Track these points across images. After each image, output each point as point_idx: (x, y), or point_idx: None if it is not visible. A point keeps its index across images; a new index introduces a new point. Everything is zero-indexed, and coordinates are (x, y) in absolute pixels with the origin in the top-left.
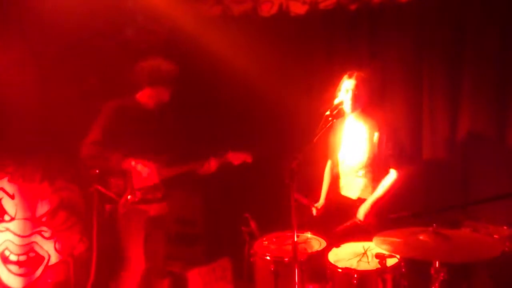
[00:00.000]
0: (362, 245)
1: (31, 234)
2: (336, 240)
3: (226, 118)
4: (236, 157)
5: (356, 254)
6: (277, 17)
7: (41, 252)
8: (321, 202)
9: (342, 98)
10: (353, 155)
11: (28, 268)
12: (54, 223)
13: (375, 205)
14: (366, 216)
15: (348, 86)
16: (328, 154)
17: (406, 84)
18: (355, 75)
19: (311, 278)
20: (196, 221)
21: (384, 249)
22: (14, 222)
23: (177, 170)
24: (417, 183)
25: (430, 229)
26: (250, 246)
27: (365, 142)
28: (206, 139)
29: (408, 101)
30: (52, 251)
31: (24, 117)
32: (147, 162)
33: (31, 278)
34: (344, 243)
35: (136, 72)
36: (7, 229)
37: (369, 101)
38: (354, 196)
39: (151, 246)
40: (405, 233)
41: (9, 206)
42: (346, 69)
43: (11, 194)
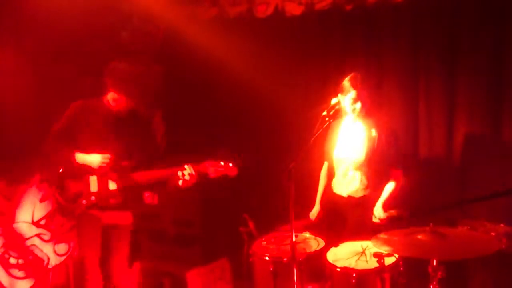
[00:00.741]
0: (361, 244)
1: (30, 237)
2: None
3: (222, 120)
4: (214, 169)
5: (354, 253)
6: (273, 18)
7: (40, 255)
8: (317, 208)
9: (348, 106)
10: (350, 153)
11: (27, 271)
12: (53, 226)
13: (385, 204)
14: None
15: (354, 95)
16: (324, 156)
17: (402, 84)
18: (358, 81)
19: (310, 277)
20: (194, 222)
21: (382, 248)
22: (13, 225)
23: (145, 177)
24: (414, 183)
25: (428, 228)
26: (249, 247)
27: (362, 140)
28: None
29: (405, 101)
30: (51, 253)
31: (21, 119)
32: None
33: (30, 281)
34: (343, 243)
35: (104, 72)
36: (6, 232)
37: (371, 103)
38: (346, 194)
39: (115, 258)
40: (403, 232)
41: (7, 209)
42: (342, 69)
43: (10, 197)
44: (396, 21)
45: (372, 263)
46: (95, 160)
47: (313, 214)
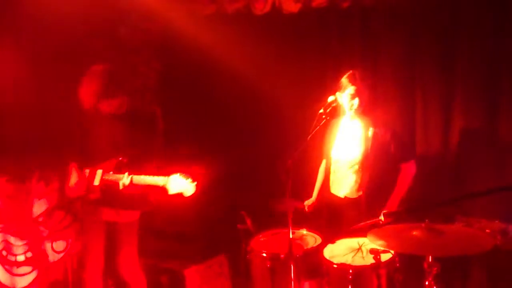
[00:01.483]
0: (357, 241)
1: (29, 234)
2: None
3: (219, 116)
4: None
5: (351, 249)
6: (270, 15)
7: (39, 252)
8: (313, 199)
9: (346, 103)
10: (347, 152)
11: (26, 268)
12: (51, 223)
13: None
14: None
15: (352, 91)
16: (323, 153)
17: (398, 82)
18: (357, 78)
19: (307, 274)
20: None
21: (378, 244)
22: (11, 222)
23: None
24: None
25: (423, 224)
26: (247, 243)
27: (359, 140)
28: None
29: (401, 99)
30: (49, 250)
31: (19, 118)
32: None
33: (29, 278)
34: (339, 239)
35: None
36: (5, 230)
37: (368, 100)
38: (342, 194)
39: (121, 255)
40: (399, 228)
41: (6, 206)
42: (339, 66)
43: (8, 194)
44: (393, 18)
45: (369, 259)
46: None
47: (308, 203)
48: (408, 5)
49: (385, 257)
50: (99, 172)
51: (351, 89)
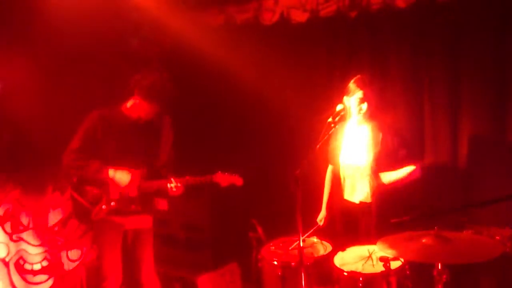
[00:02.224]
0: (367, 248)
1: (44, 243)
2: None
3: (229, 125)
4: (224, 179)
5: (361, 257)
6: (279, 25)
7: (54, 261)
8: (323, 212)
9: (354, 107)
10: (358, 157)
11: (42, 277)
12: (66, 232)
13: (394, 183)
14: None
15: (360, 95)
16: (329, 159)
17: (406, 89)
18: (365, 82)
19: (318, 281)
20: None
21: (388, 252)
22: (27, 232)
23: (153, 186)
24: (420, 187)
25: (432, 232)
26: (258, 251)
27: (369, 144)
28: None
29: (409, 106)
30: (64, 259)
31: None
32: (129, 170)
33: (45, 286)
34: (350, 247)
35: (132, 82)
36: (21, 239)
37: (375, 105)
38: (357, 200)
39: (143, 264)
40: (408, 236)
41: (22, 216)
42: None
43: (24, 205)
44: (400, 26)
45: (379, 267)
46: (124, 179)
47: (320, 219)
48: (414, 13)
49: (395, 264)
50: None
51: (360, 94)
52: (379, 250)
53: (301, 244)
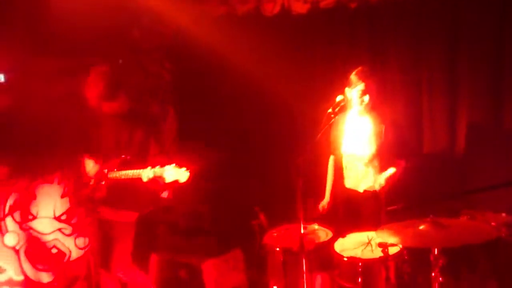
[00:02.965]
0: (367, 235)
1: (53, 232)
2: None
3: (231, 115)
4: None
5: (360, 243)
6: (280, 16)
7: (63, 249)
8: (327, 198)
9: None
10: (360, 147)
11: (51, 264)
12: (73, 221)
13: (391, 178)
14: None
15: (362, 87)
16: (330, 149)
17: (405, 79)
18: (366, 74)
19: (319, 266)
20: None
21: (386, 238)
22: (36, 220)
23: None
24: (419, 176)
25: (428, 218)
26: (261, 238)
27: (371, 135)
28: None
29: (408, 97)
30: (72, 247)
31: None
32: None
33: (54, 273)
34: (350, 233)
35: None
36: (31, 228)
37: (376, 96)
38: (361, 188)
39: (114, 255)
40: (406, 223)
41: (32, 206)
42: (347, 65)
43: (33, 194)
44: (399, 17)
45: (378, 253)
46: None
47: (322, 205)
48: (413, 4)
49: (393, 250)
50: (103, 171)
51: (361, 86)
52: (378, 236)
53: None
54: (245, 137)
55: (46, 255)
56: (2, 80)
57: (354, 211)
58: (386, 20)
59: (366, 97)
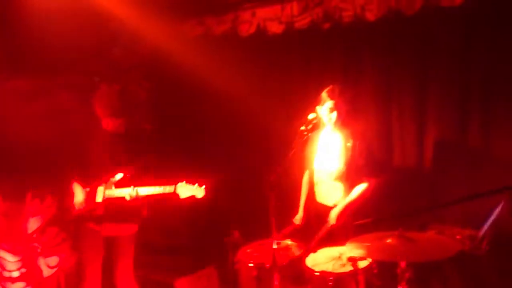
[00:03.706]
0: (338, 250)
1: (23, 250)
2: (316, 249)
3: (207, 133)
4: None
5: (331, 258)
6: (255, 37)
7: (33, 268)
8: (300, 213)
9: (325, 116)
10: (329, 163)
11: (20, 284)
12: (45, 239)
13: (346, 209)
14: (338, 219)
15: (330, 105)
16: (305, 165)
17: (377, 96)
18: (336, 93)
19: (292, 281)
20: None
21: (356, 253)
22: (6, 239)
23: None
24: (388, 190)
25: (396, 232)
26: (234, 254)
27: (340, 151)
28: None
29: (379, 112)
30: (43, 266)
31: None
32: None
33: None
34: (321, 248)
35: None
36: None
37: (347, 113)
38: (330, 203)
39: (118, 269)
40: (374, 237)
41: (1, 224)
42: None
43: (3, 212)
44: (370, 37)
45: (348, 267)
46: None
47: (297, 219)
48: (384, 25)
49: (362, 264)
50: (100, 189)
51: (330, 103)
52: (348, 251)
53: (275, 246)
54: (220, 155)
55: (16, 274)
56: None
57: (324, 225)
58: (358, 41)
59: (334, 114)
